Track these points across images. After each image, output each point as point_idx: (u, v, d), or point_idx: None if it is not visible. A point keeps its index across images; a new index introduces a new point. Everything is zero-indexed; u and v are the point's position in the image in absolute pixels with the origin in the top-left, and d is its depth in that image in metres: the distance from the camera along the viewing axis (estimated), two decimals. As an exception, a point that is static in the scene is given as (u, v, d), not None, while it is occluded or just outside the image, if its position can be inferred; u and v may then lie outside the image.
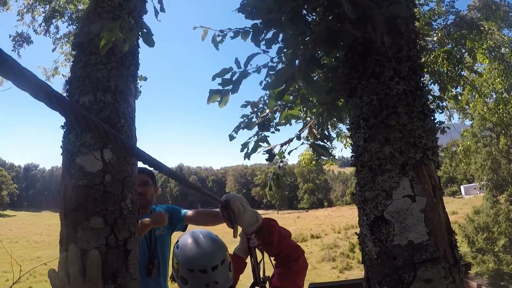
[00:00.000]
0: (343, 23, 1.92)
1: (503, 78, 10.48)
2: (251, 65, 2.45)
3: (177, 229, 3.84)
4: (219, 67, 2.51)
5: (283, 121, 3.37)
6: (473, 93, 11.20)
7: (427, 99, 2.07)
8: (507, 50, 9.97)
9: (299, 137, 3.71)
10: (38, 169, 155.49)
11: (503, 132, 14.95)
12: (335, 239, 44.50)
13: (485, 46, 8.96)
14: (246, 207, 2.32)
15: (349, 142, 8.85)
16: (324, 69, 2.56)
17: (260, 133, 3.46)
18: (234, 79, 2.45)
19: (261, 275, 2.50)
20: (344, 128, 8.36)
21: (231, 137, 3.49)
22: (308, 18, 2.19)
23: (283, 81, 1.96)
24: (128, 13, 2.38)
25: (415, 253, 1.72)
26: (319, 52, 2.37)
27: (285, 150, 3.62)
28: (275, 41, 2.27)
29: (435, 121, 2.09)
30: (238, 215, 2.29)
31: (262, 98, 3.71)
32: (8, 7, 8.79)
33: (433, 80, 6.58)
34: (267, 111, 3.47)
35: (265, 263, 2.55)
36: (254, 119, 3.49)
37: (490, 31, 8.50)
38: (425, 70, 6.16)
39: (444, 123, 3.90)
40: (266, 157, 3.38)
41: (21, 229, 61.29)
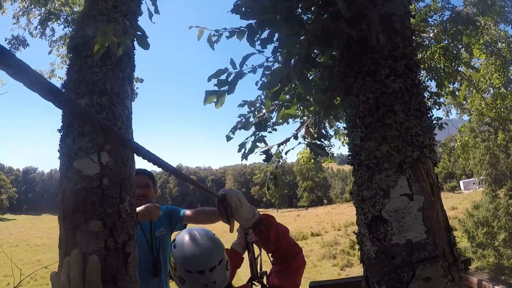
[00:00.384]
0: (338, 21, 1.92)
1: (500, 73, 10.48)
2: (246, 65, 2.44)
3: (176, 229, 3.85)
4: (215, 67, 2.50)
5: (280, 121, 3.36)
6: (471, 89, 11.22)
7: (424, 97, 2.07)
8: (503, 45, 9.99)
9: (296, 137, 3.70)
10: (37, 172, 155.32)
11: (501, 127, 14.97)
12: (335, 237, 44.57)
13: (481, 41, 8.97)
14: (243, 201, 2.32)
15: (347, 140, 8.89)
16: (319, 68, 2.56)
17: (257, 133, 3.45)
18: (229, 80, 2.44)
19: (259, 270, 2.51)
20: (342, 126, 8.37)
21: (228, 138, 3.48)
22: (302, 17, 2.19)
23: (278, 81, 1.96)
24: (122, 15, 2.37)
25: (413, 252, 1.71)
26: (315, 51, 2.36)
27: (282, 150, 3.62)
28: (270, 41, 2.27)
29: (432, 118, 2.09)
30: (235, 209, 2.29)
31: (259, 97, 3.70)
32: (3, 10, 8.77)
33: (430, 76, 6.58)
34: (264, 110, 3.47)
35: (262, 259, 2.55)
36: (251, 119, 3.48)
37: (486, 26, 8.51)
38: (422, 66, 6.16)
39: (442, 119, 3.92)
40: (263, 158, 3.38)
41: (21, 233, 61.31)
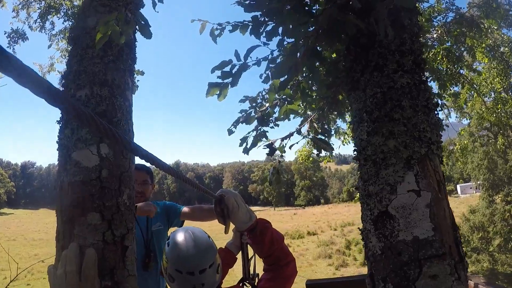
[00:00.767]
0: (346, 14, 1.89)
1: (502, 77, 10.47)
2: (251, 58, 2.42)
3: (173, 225, 3.85)
4: (216, 62, 2.48)
5: (282, 116, 3.34)
6: (472, 92, 11.20)
7: (431, 93, 2.04)
8: (506, 49, 9.97)
9: (299, 132, 3.68)
10: (35, 167, 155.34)
11: (500, 131, 14.97)
12: (331, 236, 44.76)
13: (484, 44, 8.95)
14: (240, 204, 2.29)
15: (347, 139, 8.82)
16: (325, 62, 2.53)
17: (259, 128, 3.43)
18: (233, 72, 2.42)
19: (251, 272, 2.49)
20: (342, 124, 8.32)
21: (230, 132, 3.47)
22: (311, 8, 2.16)
23: (286, 71, 1.93)
24: (124, 5, 2.35)
25: (420, 249, 1.69)
26: (322, 44, 2.33)
27: (286, 144, 3.60)
28: (276, 34, 2.24)
29: (439, 116, 2.07)
30: (231, 211, 2.27)
31: (260, 93, 3.69)
32: (3, 4, 8.70)
33: (433, 77, 6.56)
34: (267, 105, 3.45)
35: (256, 260, 2.53)
36: (253, 114, 3.46)
37: (490, 30, 8.49)
38: (426, 65, 6.13)
39: (442, 121, 3.91)
40: (266, 151, 3.36)
41: (19, 227, 61.39)
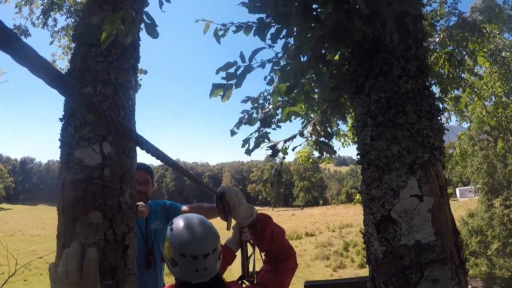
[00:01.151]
0: (353, 19, 1.90)
1: (503, 81, 10.49)
2: (255, 60, 2.43)
3: None
4: (218, 62, 2.50)
5: (285, 118, 3.35)
6: (472, 96, 11.22)
7: (435, 99, 2.05)
8: (507, 54, 9.99)
9: (302, 134, 3.69)
10: (34, 162, 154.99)
11: (501, 136, 14.99)
12: (329, 238, 44.75)
13: (485, 49, 8.96)
14: (241, 200, 2.31)
15: (347, 141, 8.83)
16: (329, 66, 2.53)
17: (261, 129, 3.43)
18: (238, 73, 2.42)
19: (250, 269, 2.49)
20: (343, 127, 8.35)
21: (233, 133, 3.46)
22: (318, 12, 2.17)
23: (293, 75, 1.93)
24: (129, 4, 2.35)
25: (422, 253, 1.71)
26: (326, 48, 2.33)
27: (288, 146, 3.60)
28: (281, 36, 2.24)
29: (441, 122, 2.08)
30: (233, 207, 2.29)
31: (262, 93, 3.69)
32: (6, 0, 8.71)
33: (435, 81, 6.58)
34: (270, 107, 3.45)
35: (255, 258, 2.55)
36: (254, 115, 3.47)
37: (492, 35, 8.50)
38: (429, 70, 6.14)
39: (443, 125, 3.91)
40: (269, 153, 3.36)
41: (17, 223, 61.26)
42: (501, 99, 11.24)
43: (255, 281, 2.41)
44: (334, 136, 6.29)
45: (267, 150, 3.35)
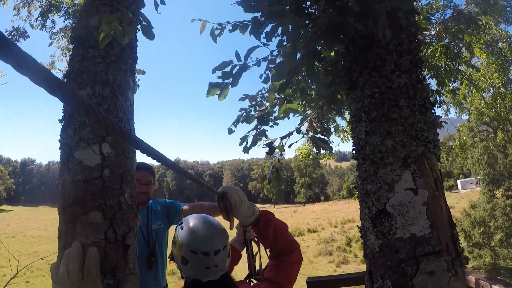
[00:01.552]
0: (345, 16, 1.91)
1: (500, 72, 10.47)
2: (251, 58, 2.44)
3: (174, 223, 3.85)
4: (216, 61, 2.51)
5: (282, 115, 3.36)
6: (471, 88, 11.21)
7: (428, 93, 2.06)
8: (504, 45, 9.97)
9: (299, 131, 3.70)
10: (34, 164, 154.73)
11: (500, 126, 14.98)
12: (331, 233, 44.68)
13: (482, 40, 8.95)
14: (242, 199, 2.32)
15: (347, 136, 8.83)
16: (324, 62, 2.55)
17: (259, 127, 3.45)
18: (234, 72, 2.44)
19: (257, 267, 2.51)
20: (342, 122, 8.34)
21: (230, 131, 3.48)
22: (309, 10, 2.18)
23: (286, 73, 1.95)
24: (126, 6, 2.36)
25: (417, 246, 1.72)
26: (320, 46, 2.35)
27: (285, 143, 3.61)
28: (275, 34, 2.26)
29: (436, 114, 2.09)
30: (234, 206, 2.30)
31: (260, 91, 3.70)
32: (4, 1, 8.69)
33: (431, 74, 6.57)
34: (267, 104, 3.46)
35: (261, 256, 2.56)
36: (252, 113, 3.48)
37: (488, 26, 8.48)
38: (423, 64, 6.15)
39: (441, 117, 3.91)
40: (266, 150, 3.38)
41: (18, 224, 61.28)
42: (499, 90, 11.22)
43: (262, 279, 2.43)
44: (332, 131, 6.28)
45: (264, 147, 3.37)
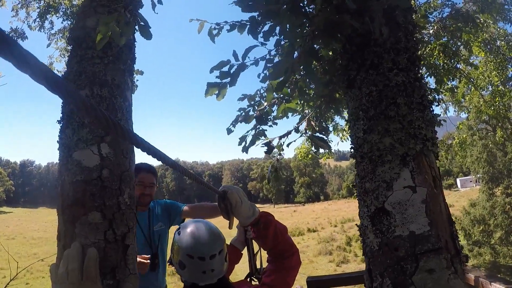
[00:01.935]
0: (342, 14, 1.91)
1: (499, 70, 10.48)
2: (249, 58, 2.45)
3: (174, 224, 3.87)
4: (214, 61, 2.51)
5: (281, 114, 3.36)
6: (469, 86, 11.22)
7: (426, 90, 2.07)
8: (502, 43, 9.98)
9: (297, 130, 3.70)
10: (34, 165, 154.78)
11: (499, 124, 15.00)
12: (331, 233, 44.68)
13: (480, 39, 8.95)
14: (243, 199, 2.32)
15: (346, 135, 8.83)
16: (321, 61, 2.55)
17: (257, 126, 3.45)
18: (232, 72, 2.44)
19: (258, 267, 2.52)
20: (341, 121, 8.35)
21: (229, 131, 3.47)
22: (306, 9, 2.18)
23: (283, 72, 1.96)
24: (124, 7, 2.36)
25: (416, 244, 1.72)
26: (317, 44, 2.35)
27: (284, 142, 3.61)
28: (273, 34, 2.26)
29: (434, 113, 2.10)
30: (235, 206, 2.31)
31: (258, 91, 3.70)
32: (2, 3, 8.69)
33: (430, 73, 6.58)
34: (265, 104, 3.46)
35: (261, 255, 2.57)
36: (251, 112, 3.48)
37: (485, 24, 8.49)
38: (422, 62, 6.15)
39: (439, 116, 3.91)
40: (265, 150, 3.38)
41: (18, 226, 61.29)
42: (498, 88, 11.23)
43: (261, 283, 2.43)
44: (331, 130, 6.28)
45: (263, 147, 3.37)
